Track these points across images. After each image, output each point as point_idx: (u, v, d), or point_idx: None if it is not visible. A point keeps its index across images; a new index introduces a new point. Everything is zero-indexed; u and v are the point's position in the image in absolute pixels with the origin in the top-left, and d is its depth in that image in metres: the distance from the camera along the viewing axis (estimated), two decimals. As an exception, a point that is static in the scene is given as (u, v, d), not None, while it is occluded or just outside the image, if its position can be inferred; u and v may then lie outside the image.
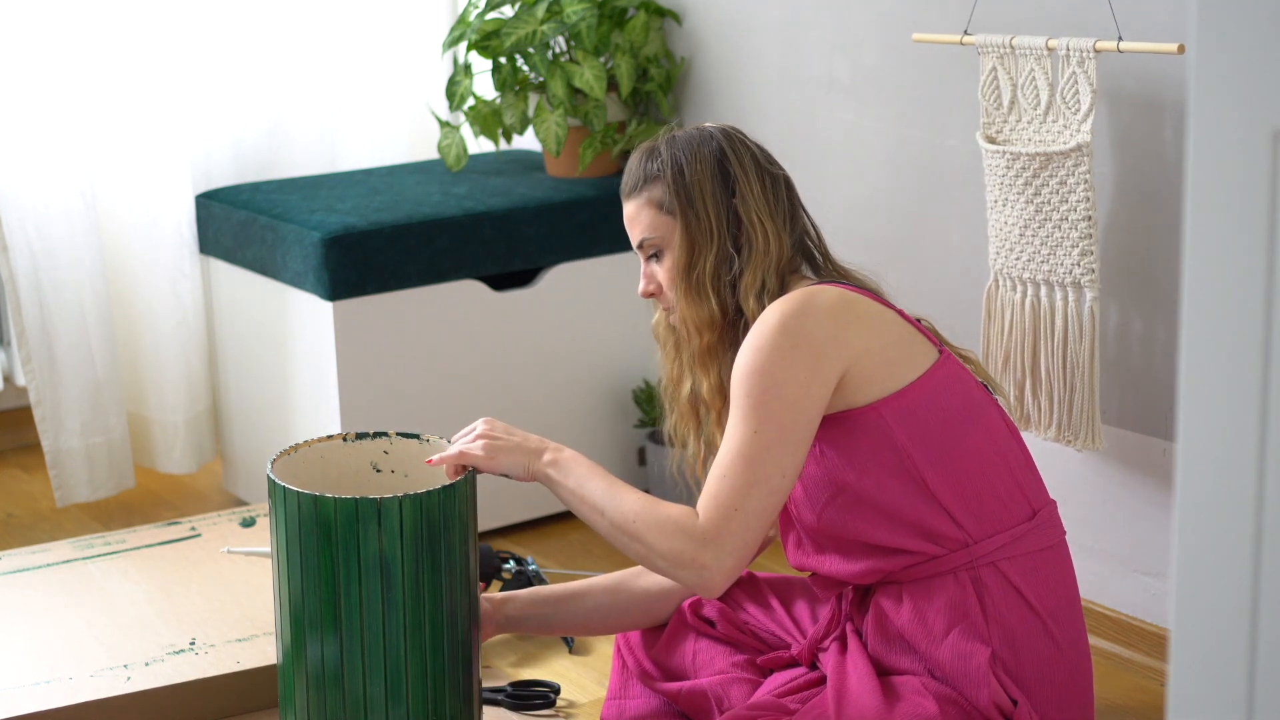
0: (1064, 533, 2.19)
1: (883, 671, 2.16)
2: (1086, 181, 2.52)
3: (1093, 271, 2.55)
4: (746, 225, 2.18)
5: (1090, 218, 2.53)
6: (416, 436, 2.31)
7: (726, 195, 2.18)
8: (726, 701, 2.24)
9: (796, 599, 2.35)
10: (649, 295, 2.26)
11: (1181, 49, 2.42)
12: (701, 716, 2.27)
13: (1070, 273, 2.57)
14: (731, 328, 2.21)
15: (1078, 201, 2.53)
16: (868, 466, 2.09)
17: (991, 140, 2.66)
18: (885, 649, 2.16)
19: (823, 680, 2.20)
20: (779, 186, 2.22)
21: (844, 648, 2.19)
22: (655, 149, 2.24)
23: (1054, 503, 2.20)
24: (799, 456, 2.06)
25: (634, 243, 2.25)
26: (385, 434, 2.31)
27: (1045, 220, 2.58)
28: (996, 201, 2.65)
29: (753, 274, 2.17)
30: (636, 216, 2.23)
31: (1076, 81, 2.52)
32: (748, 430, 2.05)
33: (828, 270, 2.23)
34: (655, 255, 2.23)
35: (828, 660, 2.19)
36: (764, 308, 2.14)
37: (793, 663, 2.28)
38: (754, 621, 2.34)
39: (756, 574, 2.41)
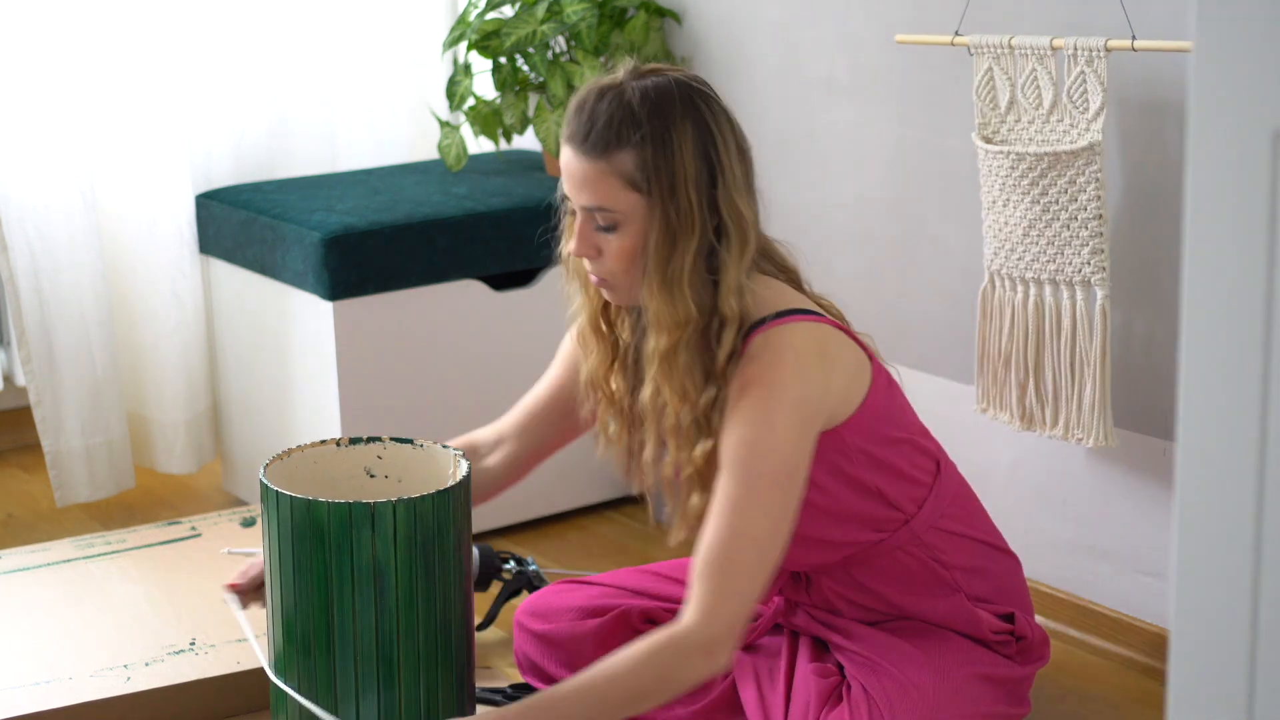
0: (946, 454, 2.26)
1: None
2: (1098, 180, 2.51)
3: (1103, 270, 2.54)
4: (727, 218, 2.02)
5: (1101, 216, 2.52)
6: (410, 441, 2.30)
7: (708, 185, 2.01)
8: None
9: None
10: (584, 257, 2.07)
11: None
12: None
13: (1080, 271, 2.56)
14: (705, 325, 2.05)
15: (1088, 200, 2.53)
16: (820, 478, 2.11)
17: (988, 141, 2.66)
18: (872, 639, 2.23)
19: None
20: (748, 163, 2.07)
21: (816, 653, 2.23)
22: (624, 100, 2.00)
23: (927, 430, 2.25)
24: (796, 516, 2.05)
25: (578, 202, 2.04)
26: (379, 439, 2.31)
27: (1053, 220, 2.57)
28: (995, 202, 2.64)
29: (735, 270, 2.03)
30: (594, 183, 2.01)
31: (1085, 81, 2.51)
32: (757, 514, 1.98)
33: (767, 258, 2.14)
34: (608, 227, 2.03)
35: (801, 659, 2.23)
36: (743, 308, 2.04)
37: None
38: None
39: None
